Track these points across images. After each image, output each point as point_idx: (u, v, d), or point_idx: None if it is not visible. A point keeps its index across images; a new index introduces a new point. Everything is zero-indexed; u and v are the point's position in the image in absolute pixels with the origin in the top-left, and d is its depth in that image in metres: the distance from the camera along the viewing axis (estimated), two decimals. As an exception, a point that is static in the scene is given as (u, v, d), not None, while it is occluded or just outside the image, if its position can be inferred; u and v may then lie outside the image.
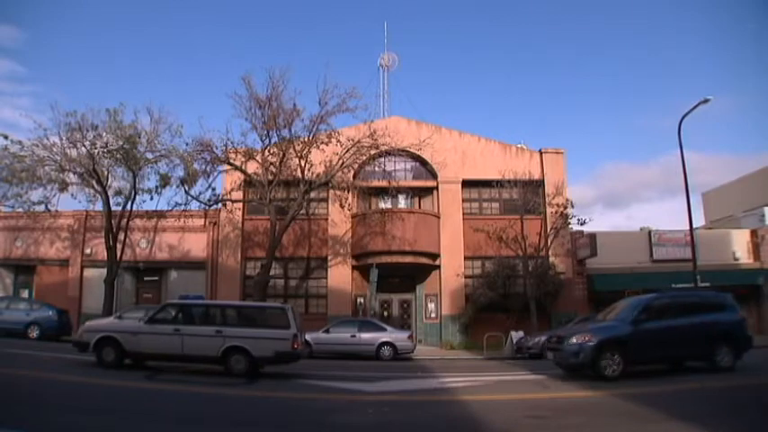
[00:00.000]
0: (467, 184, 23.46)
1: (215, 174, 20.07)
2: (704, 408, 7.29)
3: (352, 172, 21.17)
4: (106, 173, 20.61)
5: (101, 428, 6.07)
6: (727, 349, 10.85)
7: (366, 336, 16.91)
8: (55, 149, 19.60)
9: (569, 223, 21.45)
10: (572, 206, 21.59)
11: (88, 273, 23.13)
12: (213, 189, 20.11)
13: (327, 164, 19.77)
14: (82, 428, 6.00)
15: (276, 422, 6.89)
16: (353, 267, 22.73)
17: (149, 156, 20.58)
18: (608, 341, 10.24)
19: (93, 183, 20.11)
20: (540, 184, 22.96)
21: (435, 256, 22.41)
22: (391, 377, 11.37)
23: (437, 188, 23.33)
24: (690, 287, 19.63)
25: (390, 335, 17.02)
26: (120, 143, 19.62)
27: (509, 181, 21.55)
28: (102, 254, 21.18)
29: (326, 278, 22.65)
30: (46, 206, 20.60)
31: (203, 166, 19.71)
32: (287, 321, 11.05)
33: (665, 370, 11.35)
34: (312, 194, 21.30)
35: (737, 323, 11.28)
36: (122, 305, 20.72)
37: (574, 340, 10.50)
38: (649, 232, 24.05)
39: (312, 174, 19.61)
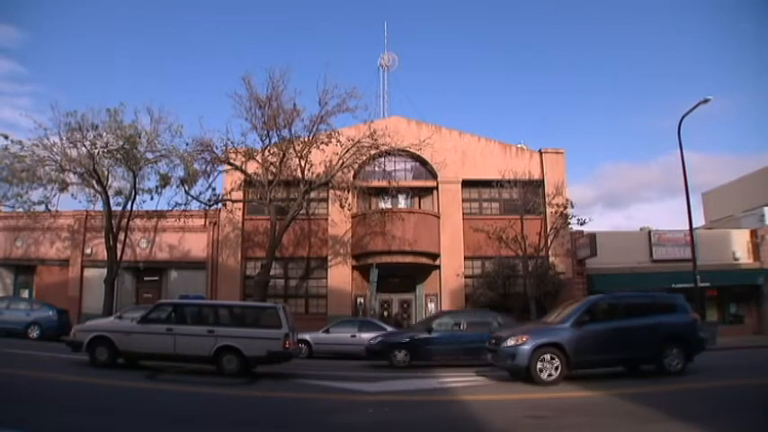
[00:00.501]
0: (467, 184, 23.46)
1: (215, 174, 20.12)
2: (706, 408, 7.28)
3: (352, 172, 21.18)
4: (106, 173, 20.63)
5: (100, 428, 6.08)
6: (677, 351, 10.45)
7: (366, 336, 16.87)
8: (55, 149, 19.63)
9: (569, 223, 21.45)
10: (572, 206, 21.59)
11: (88, 273, 23.16)
12: (213, 189, 20.17)
13: (327, 164, 19.79)
14: (81, 428, 6.01)
15: (276, 422, 6.90)
16: (353, 267, 22.74)
17: (149, 156, 20.61)
18: (545, 344, 9.88)
19: (94, 183, 20.13)
20: (539, 184, 22.97)
21: (435, 256, 22.42)
22: (391, 377, 11.37)
23: (437, 188, 23.34)
24: (689, 287, 19.64)
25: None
26: (121, 143, 19.64)
27: (509, 181, 21.54)
28: (103, 254, 21.20)
29: (326, 278, 22.66)
30: (46, 206, 20.62)
31: (203, 166, 19.76)
32: (279, 321, 11.07)
33: (623, 373, 11.01)
34: (312, 194, 21.31)
35: (689, 324, 10.86)
36: (122, 305, 20.71)
37: (510, 342, 10.13)
38: (649, 232, 24.06)
39: (312, 174, 19.62)
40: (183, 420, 6.75)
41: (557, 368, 9.72)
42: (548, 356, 9.76)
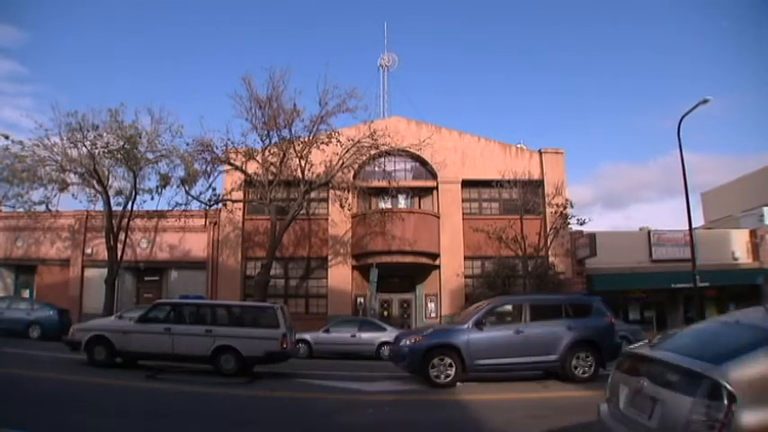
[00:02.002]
0: (467, 184, 23.49)
1: (215, 174, 20.11)
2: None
3: (353, 172, 21.19)
4: (107, 173, 20.63)
5: (104, 428, 6.11)
6: (588, 357, 10.04)
7: (366, 335, 16.95)
8: (56, 149, 19.63)
9: (569, 223, 21.45)
10: (571, 206, 21.59)
11: (89, 273, 23.17)
12: (213, 189, 20.17)
13: (327, 164, 19.81)
14: (85, 428, 6.05)
15: (276, 421, 6.93)
16: (353, 267, 22.77)
17: (150, 156, 20.61)
18: (439, 345, 9.71)
19: (94, 183, 20.13)
20: (539, 184, 22.98)
21: (435, 255, 22.45)
22: (391, 377, 11.40)
23: (437, 188, 23.36)
24: (689, 287, 19.67)
25: (390, 334, 17.00)
26: (121, 143, 19.65)
27: (509, 181, 21.53)
28: (103, 254, 21.21)
29: (326, 278, 22.68)
30: (47, 206, 20.62)
31: (204, 166, 19.76)
32: (276, 321, 11.11)
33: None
34: (312, 194, 21.33)
35: (602, 329, 10.36)
36: (123, 305, 20.74)
37: (405, 342, 10.06)
38: (649, 232, 24.08)
39: (312, 174, 19.64)
40: (182, 419, 6.78)
41: (451, 369, 9.55)
42: (441, 358, 9.57)
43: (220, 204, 21.22)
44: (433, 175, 23.35)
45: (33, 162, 19.53)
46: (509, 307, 10.81)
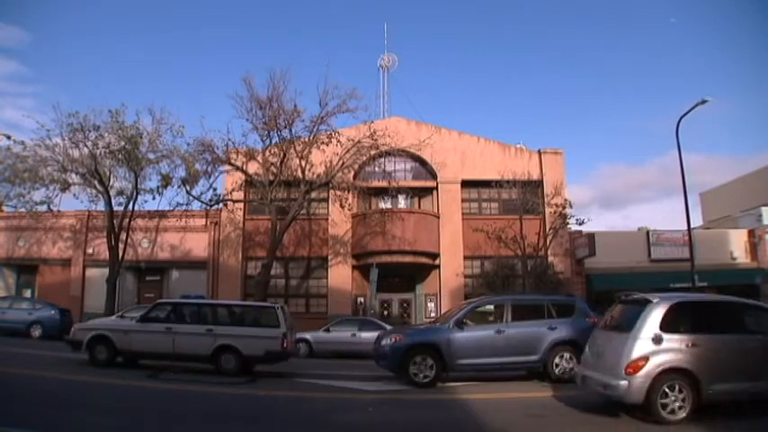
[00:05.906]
0: (466, 184, 23.55)
1: (216, 174, 20.19)
2: (706, 407, 7.34)
3: (353, 172, 21.26)
4: (108, 173, 20.68)
5: (109, 427, 6.19)
6: (570, 358, 9.87)
7: (366, 335, 16.97)
8: (57, 150, 19.69)
9: (568, 223, 21.53)
10: (570, 206, 21.65)
11: (90, 272, 23.25)
12: (214, 189, 20.25)
13: (328, 164, 19.88)
14: (90, 427, 6.13)
15: (276, 420, 7.01)
16: (353, 267, 22.84)
17: (151, 156, 20.64)
18: (419, 344, 9.70)
19: (95, 183, 20.19)
20: (538, 184, 23.05)
21: (435, 255, 22.52)
22: (391, 376, 11.49)
23: (437, 188, 23.43)
24: (687, 287, 19.74)
25: (390, 334, 17.11)
26: (122, 143, 19.70)
27: (508, 181, 21.59)
28: (104, 254, 21.28)
29: (327, 278, 22.76)
30: (48, 206, 20.68)
31: (204, 167, 19.82)
32: (277, 320, 11.17)
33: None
34: (313, 194, 21.40)
35: (585, 329, 9.86)
36: (124, 305, 20.84)
37: (386, 341, 10.04)
38: (647, 232, 24.15)
39: (313, 174, 19.72)
40: (183, 418, 6.86)
41: (431, 369, 9.53)
42: (422, 358, 9.54)
43: (221, 204, 21.29)
44: (433, 176, 23.42)
45: (35, 162, 19.60)
46: (491, 307, 10.78)
